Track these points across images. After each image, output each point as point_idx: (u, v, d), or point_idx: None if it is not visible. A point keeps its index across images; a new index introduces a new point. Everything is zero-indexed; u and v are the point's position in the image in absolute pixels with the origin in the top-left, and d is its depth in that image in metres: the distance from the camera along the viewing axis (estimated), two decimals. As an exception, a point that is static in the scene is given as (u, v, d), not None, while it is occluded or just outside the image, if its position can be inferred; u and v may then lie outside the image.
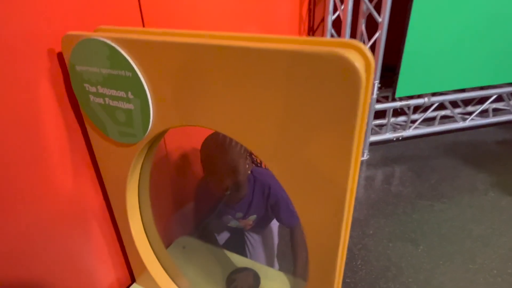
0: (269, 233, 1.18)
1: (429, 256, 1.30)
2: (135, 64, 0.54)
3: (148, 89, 0.56)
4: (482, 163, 2.00)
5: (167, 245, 1.10)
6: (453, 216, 1.53)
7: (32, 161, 0.65)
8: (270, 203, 1.01)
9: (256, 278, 0.98)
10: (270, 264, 1.18)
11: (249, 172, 0.97)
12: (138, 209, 0.84)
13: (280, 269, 1.09)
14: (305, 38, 0.49)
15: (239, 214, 1.05)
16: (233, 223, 1.09)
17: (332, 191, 0.48)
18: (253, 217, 1.06)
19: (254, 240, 1.18)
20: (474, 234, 1.41)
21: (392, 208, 1.60)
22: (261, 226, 1.15)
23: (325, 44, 0.44)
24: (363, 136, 0.46)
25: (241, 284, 0.97)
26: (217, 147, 0.89)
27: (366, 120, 0.46)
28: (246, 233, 1.19)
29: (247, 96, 0.47)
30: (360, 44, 0.44)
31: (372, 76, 0.44)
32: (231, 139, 0.92)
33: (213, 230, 1.15)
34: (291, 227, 1.04)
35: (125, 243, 0.89)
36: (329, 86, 0.40)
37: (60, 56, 0.65)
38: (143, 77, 0.55)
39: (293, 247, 1.05)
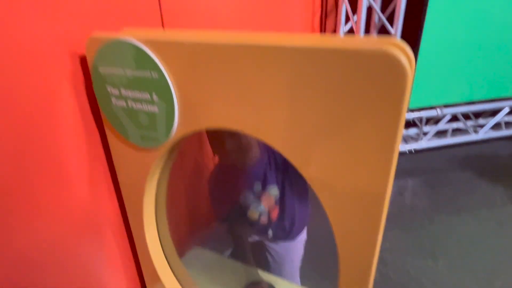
0: (294, 246, 1.12)
1: (450, 271, 1.25)
2: (162, 65, 0.53)
3: (174, 91, 0.54)
4: (498, 176, 1.95)
5: (180, 256, 1.07)
6: (472, 230, 1.48)
7: (49, 166, 0.63)
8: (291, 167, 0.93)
9: (272, 292, 0.94)
10: (291, 278, 1.12)
11: None
12: (154, 217, 0.81)
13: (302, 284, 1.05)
14: (335, 36, 0.48)
15: (258, 185, 0.96)
16: (255, 209, 0.98)
17: (370, 197, 0.45)
18: (274, 190, 0.97)
19: (276, 252, 1.12)
20: (496, 249, 1.36)
21: (409, 221, 1.56)
22: (288, 217, 1.04)
23: (365, 42, 0.42)
24: (401, 136, 0.44)
25: (256, 298, 0.93)
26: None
27: (404, 119, 0.44)
28: (268, 245, 1.12)
29: (281, 97, 0.46)
30: (401, 42, 0.42)
31: (413, 73, 0.42)
32: None
33: (236, 233, 1.09)
34: None
35: (138, 252, 0.86)
36: (372, 85, 0.38)
37: (81, 58, 0.64)
38: (170, 78, 0.54)
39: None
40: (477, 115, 2.48)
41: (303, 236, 1.09)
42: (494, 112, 2.38)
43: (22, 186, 0.59)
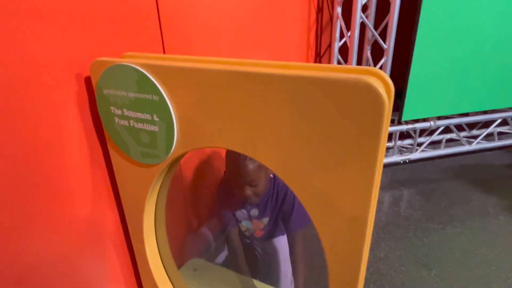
0: (275, 251, 1.17)
1: (442, 281, 1.28)
2: (163, 88, 0.57)
3: (174, 112, 0.58)
4: (491, 186, 1.99)
5: (178, 266, 1.09)
6: (465, 240, 1.51)
7: (53, 181, 0.67)
8: (285, 205, 1.03)
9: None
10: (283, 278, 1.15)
11: (270, 176, 1.00)
12: (153, 230, 0.84)
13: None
14: (324, 65, 0.52)
15: (255, 211, 1.06)
16: (244, 224, 1.09)
17: (355, 212, 0.49)
18: (265, 220, 1.06)
19: (263, 249, 1.17)
20: (488, 259, 1.39)
21: (403, 231, 1.58)
22: (270, 235, 1.14)
23: (345, 71, 0.47)
24: (383, 158, 0.48)
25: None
26: (240, 158, 0.92)
27: (385, 143, 0.48)
28: (257, 248, 1.17)
29: (272, 120, 0.50)
30: (380, 71, 0.46)
31: (392, 101, 0.46)
32: None
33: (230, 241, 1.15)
34: (297, 229, 1.05)
35: (138, 263, 0.89)
36: (353, 111, 0.42)
37: (86, 80, 0.68)
38: (170, 101, 0.58)
39: (295, 258, 1.06)
40: (471, 126, 2.52)
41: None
42: (486, 123, 2.43)
43: (27, 200, 0.62)
